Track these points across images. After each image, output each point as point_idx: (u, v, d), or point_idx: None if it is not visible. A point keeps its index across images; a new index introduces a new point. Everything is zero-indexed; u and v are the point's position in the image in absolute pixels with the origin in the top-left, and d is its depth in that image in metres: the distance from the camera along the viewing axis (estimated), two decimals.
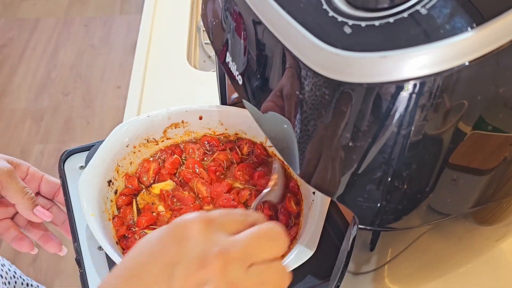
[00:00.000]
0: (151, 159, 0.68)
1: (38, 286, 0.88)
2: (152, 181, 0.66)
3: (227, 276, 0.34)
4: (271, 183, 0.59)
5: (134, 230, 0.61)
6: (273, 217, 0.62)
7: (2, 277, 0.78)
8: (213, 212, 0.38)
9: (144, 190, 0.66)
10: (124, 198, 0.64)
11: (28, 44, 2.39)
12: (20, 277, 0.84)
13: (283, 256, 0.56)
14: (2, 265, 0.81)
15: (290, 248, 0.59)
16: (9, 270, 0.82)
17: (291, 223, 0.62)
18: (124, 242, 0.60)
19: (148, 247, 0.36)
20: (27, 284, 0.85)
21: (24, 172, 0.65)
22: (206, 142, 0.70)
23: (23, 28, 2.47)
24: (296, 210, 0.63)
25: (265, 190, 0.58)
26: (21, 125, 2.03)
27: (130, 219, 0.62)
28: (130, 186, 0.65)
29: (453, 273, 0.61)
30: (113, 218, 0.62)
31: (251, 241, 0.36)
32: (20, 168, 0.65)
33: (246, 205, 0.64)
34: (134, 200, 0.64)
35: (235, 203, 0.63)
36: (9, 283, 0.79)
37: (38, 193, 0.67)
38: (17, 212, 0.65)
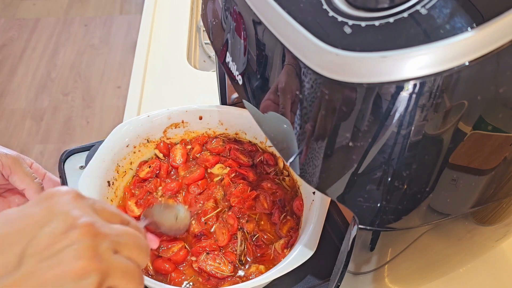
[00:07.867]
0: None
1: None
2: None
3: (95, 247, 0.34)
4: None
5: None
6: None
7: None
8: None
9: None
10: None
11: (28, 44, 2.39)
12: None
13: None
14: None
15: (290, 248, 0.59)
16: None
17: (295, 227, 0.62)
18: None
19: (7, 217, 0.34)
20: None
21: (28, 166, 0.65)
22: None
23: (23, 28, 2.47)
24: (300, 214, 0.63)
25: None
26: (21, 125, 2.03)
27: None
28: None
29: (453, 273, 0.61)
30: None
31: (123, 234, 0.37)
32: (24, 162, 0.65)
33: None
34: None
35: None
36: None
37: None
38: None
